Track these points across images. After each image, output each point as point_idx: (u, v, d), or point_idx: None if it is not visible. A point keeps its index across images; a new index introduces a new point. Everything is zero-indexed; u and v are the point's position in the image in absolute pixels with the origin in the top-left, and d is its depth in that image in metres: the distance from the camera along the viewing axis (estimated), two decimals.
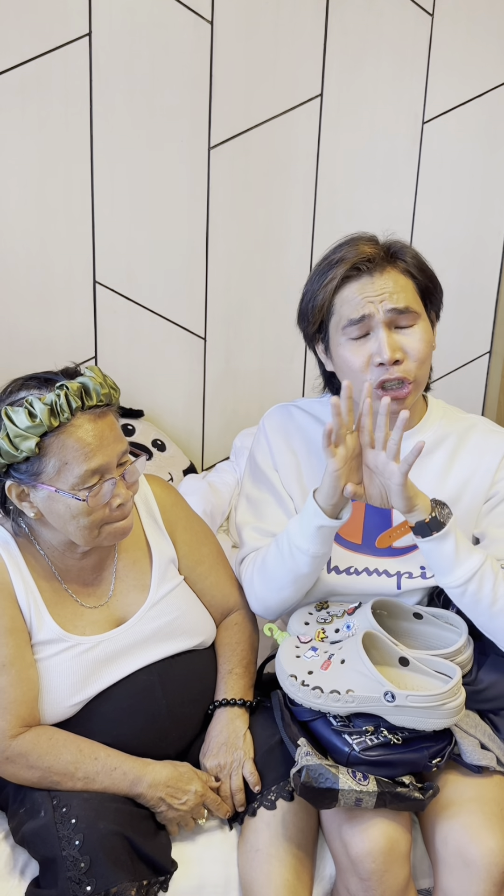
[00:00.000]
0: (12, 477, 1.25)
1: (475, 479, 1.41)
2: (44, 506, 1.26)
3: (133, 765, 1.29)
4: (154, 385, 2.45)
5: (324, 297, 1.36)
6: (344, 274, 1.33)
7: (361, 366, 1.34)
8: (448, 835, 1.23)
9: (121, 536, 1.31)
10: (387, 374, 1.32)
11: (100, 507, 1.25)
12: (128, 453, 1.30)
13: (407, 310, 1.33)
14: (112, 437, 1.25)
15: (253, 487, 1.51)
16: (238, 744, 1.36)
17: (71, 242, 2.26)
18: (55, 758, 1.26)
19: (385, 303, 1.32)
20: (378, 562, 1.43)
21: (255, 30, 2.22)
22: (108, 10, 2.12)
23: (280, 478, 1.48)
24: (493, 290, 2.59)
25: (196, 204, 2.32)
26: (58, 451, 1.22)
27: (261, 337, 2.49)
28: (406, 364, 1.33)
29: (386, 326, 1.32)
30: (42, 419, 1.19)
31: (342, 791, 1.19)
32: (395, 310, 1.32)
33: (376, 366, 1.33)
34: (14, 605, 1.30)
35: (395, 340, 1.33)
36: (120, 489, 1.26)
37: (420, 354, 1.34)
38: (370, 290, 1.32)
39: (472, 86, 2.40)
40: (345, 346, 1.35)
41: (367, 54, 2.31)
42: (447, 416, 1.47)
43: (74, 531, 1.27)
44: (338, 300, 1.35)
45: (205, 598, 1.49)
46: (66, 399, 1.20)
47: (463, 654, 1.34)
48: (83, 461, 1.22)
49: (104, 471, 1.24)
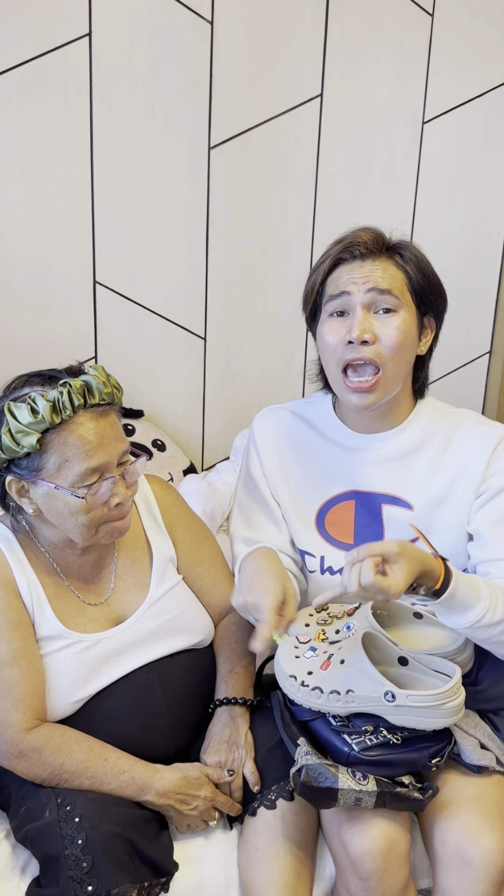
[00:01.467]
0: (13, 472, 1.25)
1: (464, 475, 1.40)
2: (43, 502, 1.27)
3: (142, 770, 1.29)
4: (154, 385, 2.45)
5: (315, 278, 1.38)
6: (336, 255, 1.35)
7: (335, 343, 1.34)
8: (447, 835, 1.23)
9: (118, 535, 1.32)
10: (354, 353, 1.32)
11: (98, 505, 1.25)
12: (128, 453, 1.30)
13: (388, 292, 1.32)
14: (113, 436, 1.26)
15: (243, 495, 1.53)
16: (239, 742, 1.36)
17: (71, 243, 2.26)
18: (67, 755, 1.26)
19: (367, 283, 1.33)
20: None
21: (255, 30, 2.22)
22: (108, 10, 2.12)
23: (268, 484, 1.49)
24: (493, 290, 2.59)
25: (196, 204, 2.32)
26: (59, 447, 1.22)
27: (261, 337, 2.49)
28: (377, 347, 1.32)
29: (364, 308, 1.33)
30: (44, 416, 1.20)
31: (342, 790, 1.19)
32: (376, 289, 1.32)
33: (346, 344, 1.33)
34: (18, 599, 1.31)
35: (370, 322, 1.33)
36: (119, 488, 1.27)
37: (393, 342, 1.32)
38: (357, 273, 1.34)
39: (472, 86, 2.40)
40: (324, 322, 1.37)
41: (367, 54, 2.31)
42: (435, 412, 1.46)
43: (72, 528, 1.27)
44: (328, 281, 1.37)
45: (203, 598, 1.49)
46: (69, 396, 1.21)
47: (463, 654, 1.34)
48: (84, 459, 1.22)
49: (104, 469, 1.25)
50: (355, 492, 1.44)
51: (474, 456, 1.39)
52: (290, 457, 1.48)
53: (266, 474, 1.49)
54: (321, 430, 1.47)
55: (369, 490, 1.43)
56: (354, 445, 1.44)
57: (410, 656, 1.29)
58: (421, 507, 1.41)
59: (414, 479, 1.42)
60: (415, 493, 1.42)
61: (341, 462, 1.45)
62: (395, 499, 1.42)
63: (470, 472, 1.39)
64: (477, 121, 2.43)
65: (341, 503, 1.45)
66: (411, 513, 1.41)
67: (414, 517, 1.41)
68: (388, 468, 1.43)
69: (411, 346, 1.37)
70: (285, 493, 1.47)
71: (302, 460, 1.47)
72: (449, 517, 1.40)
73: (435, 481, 1.41)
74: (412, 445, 1.42)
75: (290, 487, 1.47)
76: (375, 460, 1.43)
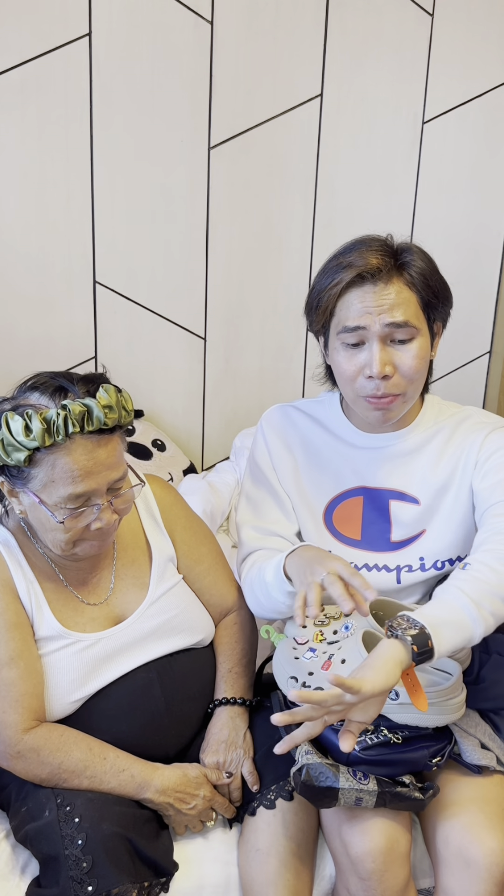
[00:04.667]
0: (4, 474, 1.25)
1: (461, 461, 1.41)
2: (28, 509, 1.27)
3: (141, 769, 1.29)
4: (154, 385, 2.46)
5: (328, 300, 1.35)
6: (349, 280, 1.33)
7: (352, 375, 1.34)
8: (449, 835, 1.23)
9: (95, 552, 1.30)
10: (374, 391, 1.33)
11: (77, 529, 1.24)
12: (124, 479, 1.27)
13: (405, 324, 1.32)
14: (107, 464, 1.22)
15: (251, 486, 1.52)
16: (238, 742, 1.36)
17: (71, 242, 2.26)
18: (66, 755, 1.26)
19: (383, 316, 1.31)
20: (377, 557, 1.44)
21: (255, 30, 2.22)
22: (108, 10, 2.12)
23: (278, 477, 1.49)
24: (493, 291, 2.59)
25: (196, 204, 2.32)
26: (47, 467, 1.20)
27: (261, 337, 2.49)
28: (395, 379, 1.33)
29: (381, 340, 1.32)
30: (36, 436, 1.17)
31: (342, 790, 1.19)
32: (393, 324, 1.31)
33: (366, 378, 1.33)
34: (16, 600, 1.30)
35: (388, 355, 1.32)
36: (104, 514, 1.24)
37: (412, 372, 1.33)
38: (370, 301, 1.31)
39: (472, 86, 2.40)
40: (339, 351, 1.36)
41: (367, 54, 2.31)
42: (442, 411, 1.47)
43: (50, 541, 1.27)
44: (340, 304, 1.35)
45: (203, 598, 1.49)
46: (65, 421, 1.18)
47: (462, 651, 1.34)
48: (69, 484, 1.20)
49: (90, 496, 1.23)
50: (363, 488, 1.45)
51: (470, 443, 1.41)
52: (299, 452, 1.49)
53: (276, 467, 1.49)
54: (330, 429, 1.48)
55: (377, 486, 1.44)
56: (363, 444, 1.45)
57: None
58: (426, 500, 1.42)
59: (419, 473, 1.43)
60: (419, 486, 1.43)
61: (350, 459, 1.46)
62: (401, 494, 1.43)
63: (466, 457, 1.41)
64: (477, 121, 2.43)
65: (349, 499, 1.45)
66: (418, 507, 1.42)
67: (420, 510, 1.42)
68: (396, 464, 1.44)
69: (427, 362, 1.38)
70: (294, 488, 1.48)
71: (311, 456, 1.48)
72: (451, 504, 1.41)
73: (437, 473, 1.42)
74: (420, 442, 1.44)
75: (299, 482, 1.48)
76: (384, 457, 1.44)
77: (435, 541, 1.42)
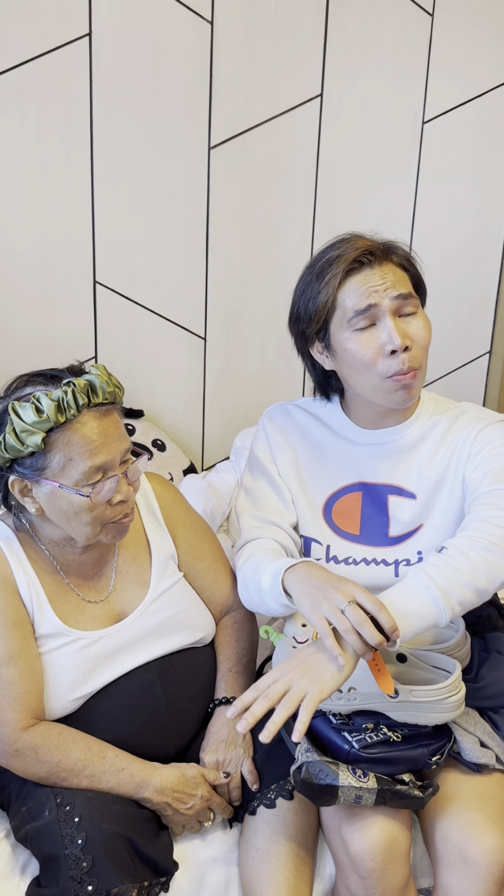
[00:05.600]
0: (16, 472, 1.26)
1: (455, 455, 1.42)
2: (46, 502, 1.27)
3: (140, 768, 1.29)
4: (154, 385, 2.46)
5: (327, 294, 1.36)
6: (346, 268, 1.34)
7: (372, 356, 1.34)
8: (448, 833, 1.23)
9: (121, 535, 1.32)
10: (400, 367, 1.33)
11: (102, 503, 1.26)
12: (130, 452, 1.31)
13: (410, 295, 1.35)
14: (116, 434, 1.26)
15: (250, 478, 1.53)
16: (238, 741, 1.36)
17: (71, 242, 2.26)
18: (64, 753, 1.26)
19: (390, 290, 1.33)
20: (376, 551, 1.44)
21: (255, 30, 2.22)
22: (108, 10, 2.12)
23: (278, 470, 1.50)
24: (493, 290, 2.59)
25: (196, 204, 2.32)
26: (63, 447, 1.23)
27: (261, 337, 2.49)
28: (414, 351, 1.35)
29: (392, 314, 1.34)
30: (49, 415, 1.20)
31: (342, 788, 1.19)
32: (401, 296, 1.34)
33: (388, 355, 1.33)
34: (17, 598, 1.31)
35: (402, 327, 1.34)
36: (122, 486, 1.27)
37: (424, 341, 1.36)
38: (373, 280, 1.34)
39: (472, 86, 2.40)
40: (351, 338, 1.35)
41: (367, 54, 2.31)
42: (439, 405, 1.49)
43: (76, 528, 1.27)
44: (341, 294, 1.35)
45: (204, 595, 1.49)
46: (73, 396, 1.22)
47: (462, 648, 1.34)
48: (88, 457, 1.23)
49: (107, 468, 1.25)
50: (362, 483, 1.46)
51: (465, 437, 1.42)
52: (300, 448, 1.50)
53: (276, 461, 1.50)
54: (330, 425, 1.49)
55: (376, 482, 1.45)
56: (363, 440, 1.46)
57: (409, 653, 1.30)
58: (423, 495, 1.43)
59: (416, 468, 1.44)
60: (416, 481, 1.44)
61: (349, 455, 1.47)
62: (399, 489, 1.44)
63: (460, 451, 1.41)
64: (477, 121, 2.43)
65: (349, 494, 1.46)
66: (415, 502, 1.43)
67: (417, 505, 1.43)
68: (394, 460, 1.45)
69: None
70: (295, 482, 1.49)
71: (312, 452, 1.49)
72: (447, 498, 1.42)
73: (433, 468, 1.43)
74: (418, 437, 1.45)
75: (300, 477, 1.49)
76: (382, 454, 1.45)
77: (432, 535, 1.42)
